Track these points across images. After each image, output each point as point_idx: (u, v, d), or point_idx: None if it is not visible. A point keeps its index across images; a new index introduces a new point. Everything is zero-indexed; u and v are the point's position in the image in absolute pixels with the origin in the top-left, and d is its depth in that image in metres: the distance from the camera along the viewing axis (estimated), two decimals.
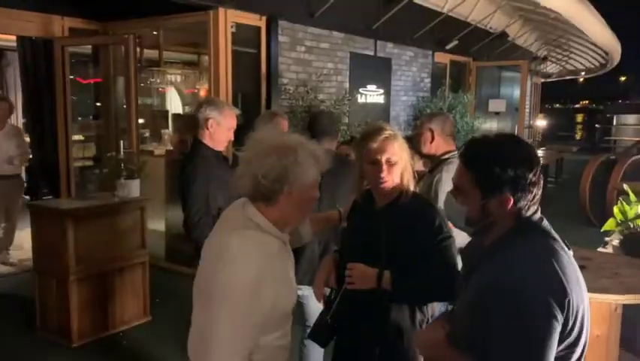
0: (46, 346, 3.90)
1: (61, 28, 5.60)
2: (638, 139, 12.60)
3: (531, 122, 15.10)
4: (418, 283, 1.90)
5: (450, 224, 1.89)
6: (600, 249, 3.76)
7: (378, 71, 7.26)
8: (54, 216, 3.86)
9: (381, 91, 7.30)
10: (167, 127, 6.24)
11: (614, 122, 18.45)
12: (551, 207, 9.19)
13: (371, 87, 7.07)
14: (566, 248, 1.42)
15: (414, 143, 3.15)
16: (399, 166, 1.97)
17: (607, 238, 4.05)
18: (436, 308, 2.31)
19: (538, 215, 1.44)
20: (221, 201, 2.85)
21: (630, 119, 17.82)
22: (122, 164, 4.21)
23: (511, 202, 1.37)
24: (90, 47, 6.17)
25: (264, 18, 5.48)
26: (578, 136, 32.18)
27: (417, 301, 1.99)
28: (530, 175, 1.37)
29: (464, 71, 10.02)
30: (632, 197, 3.90)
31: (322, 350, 2.86)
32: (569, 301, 1.30)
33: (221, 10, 5.02)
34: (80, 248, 3.87)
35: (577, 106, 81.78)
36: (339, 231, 2.49)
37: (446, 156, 3.00)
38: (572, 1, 9.25)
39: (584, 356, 1.48)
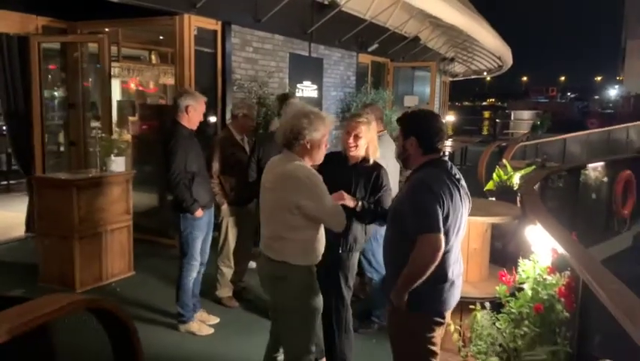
0: (52, 291, 4.71)
1: (36, 27, 6.29)
2: (527, 131, 14.66)
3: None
4: (373, 211, 3.11)
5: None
6: None
7: (312, 69, 8.41)
8: (61, 186, 4.69)
9: (315, 87, 8.46)
10: (134, 115, 7.04)
11: (512, 118, 20.83)
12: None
13: (307, 83, 8.20)
14: (458, 178, 2.59)
15: None
16: (364, 140, 3.15)
17: (490, 198, 5.45)
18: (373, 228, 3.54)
19: (443, 158, 2.61)
20: (194, 168, 3.96)
21: (525, 114, 20.23)
22: (112, 144, 5.07)
23: (416, 143, 2.54)
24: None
25: (219, 23, 6.44)
26: (485, 130, 34.64)
27: (371, 221, 3.20)
28: (434, 129, 2.54)
29: (383, 70, 11.39)
30: (509, 168, 5.32)
31: None
32: (447, 199, 2.46)
33: (185, 16, 5.94)
34: (81, 211, 4.73)
35: (484, 103, 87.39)
36: None
37: (378, 135, 4.21)
38: (468, 18, 10.90)
39: (459, 236, 2.67)
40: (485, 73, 20.85)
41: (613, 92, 58.30)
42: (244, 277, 4.87)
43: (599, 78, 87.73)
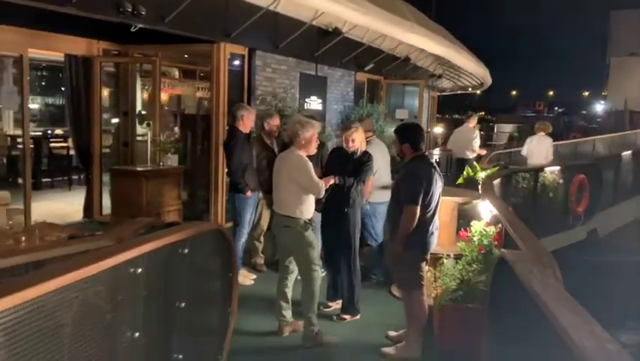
0: None
1: (97, 49, 7.73)
2: (505, 142, 16.26)
3: (429, 128, 18.44)
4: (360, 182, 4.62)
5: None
6: None
7: (318, 86, 9.90)
8: (133, 175, 6.12)
9: (320, 101, 9.94)
10: (175, 122, 8.50)
11: (495, 130, 22.50)
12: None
13: (313, 98, 9.69)
14: (434, 166, 4.09)
15: None
16: (357, 140, 4.64)
17: None
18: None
19: (423, 152, 4.10)
20: (246, 161, 5.38)
21: (507, 127, 21.90)
22: (167, 144, 6.51)
23: (409, 147, 4.04)
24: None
25: (247, 48, 7.92)
26: None
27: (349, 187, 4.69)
28: (418, 137, 4.05)
29: (377, 86, 12.93)
30: (478, 167, 6.81)
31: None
32: (427, 180, 3.95)
33: (222, 44, 7.41)
34: (148, 196, 6.15)
35: None
36: None
37: (368, 140, 5.70)
38: (447, 48, 12.60)
39: (436, 214, 4.14)
40: (470, 89, 22.49)
41: (599, 107, 60.35)
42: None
43: (586, 93, 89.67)
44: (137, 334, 2.47)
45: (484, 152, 10.47)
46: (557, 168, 8.74)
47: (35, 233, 3.93)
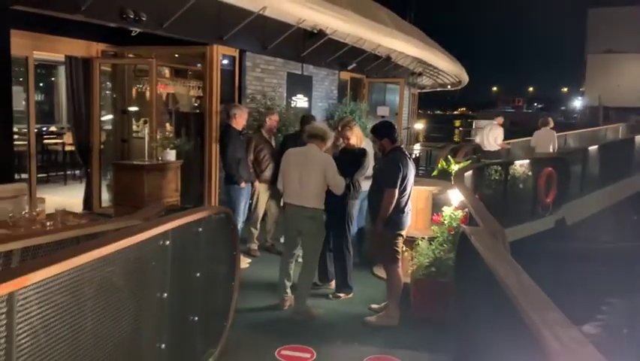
0: None
1: (96, 51, 8.19)
2: None
3: (409, 125, 19.12)
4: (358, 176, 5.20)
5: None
6: None
7: (304, 85, 10.46)
8: (135, 169, 6.62)
9: (306, 99, 10.50)
10: (170, 120, 8.98)
11: (474, 126, 23.23)
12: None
13: (300, 96, 10.25)
14: (409, 156, 4.70)
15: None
16: (353, 138, 5.22)
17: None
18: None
19: (401, 145, 4.72)
20: (240, 155, 5.92)
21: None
22: (166, 140, 7.01)
23: (389, 141, 4.65)
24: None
25: (237, 50, 8.44)
26: (456, 137, 36.72)
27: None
28: (394, 131, 4.67)
29: (360, 85, 13.52)
30: (452, 161, 7.44)
31: None
32: (404, 167, 4.56)
33: (215, 46, 7.93)
34: (148, 188, 6.66)
35: (455, 113, 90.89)
36: None
37: None
38: (423, 51, 13.29)
39: (410, 197, 4.76)
40: (449, 86, 23.21)
41: (577, 103, 61.66)
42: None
43: (565, 89, 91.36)
44: (165, 295, 3.03)
45: (507, 145, 12.44)
46: (527, 161, 9.41)
47: (58, 219, 4.44)
